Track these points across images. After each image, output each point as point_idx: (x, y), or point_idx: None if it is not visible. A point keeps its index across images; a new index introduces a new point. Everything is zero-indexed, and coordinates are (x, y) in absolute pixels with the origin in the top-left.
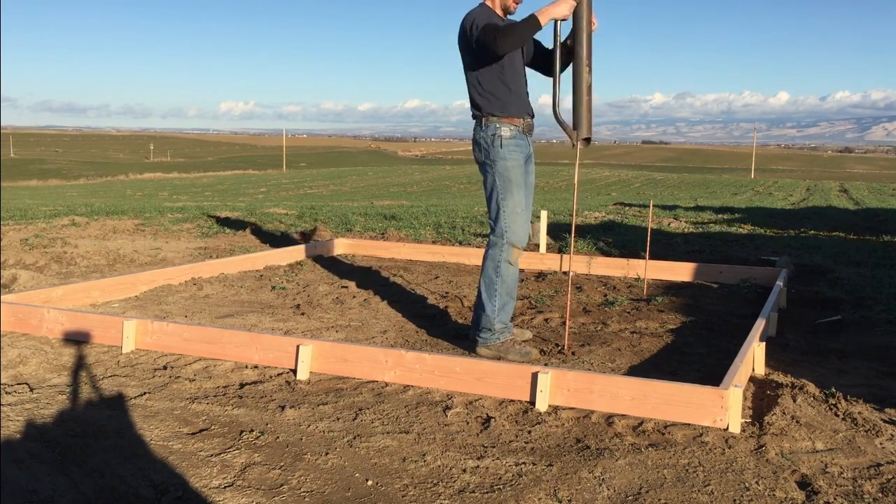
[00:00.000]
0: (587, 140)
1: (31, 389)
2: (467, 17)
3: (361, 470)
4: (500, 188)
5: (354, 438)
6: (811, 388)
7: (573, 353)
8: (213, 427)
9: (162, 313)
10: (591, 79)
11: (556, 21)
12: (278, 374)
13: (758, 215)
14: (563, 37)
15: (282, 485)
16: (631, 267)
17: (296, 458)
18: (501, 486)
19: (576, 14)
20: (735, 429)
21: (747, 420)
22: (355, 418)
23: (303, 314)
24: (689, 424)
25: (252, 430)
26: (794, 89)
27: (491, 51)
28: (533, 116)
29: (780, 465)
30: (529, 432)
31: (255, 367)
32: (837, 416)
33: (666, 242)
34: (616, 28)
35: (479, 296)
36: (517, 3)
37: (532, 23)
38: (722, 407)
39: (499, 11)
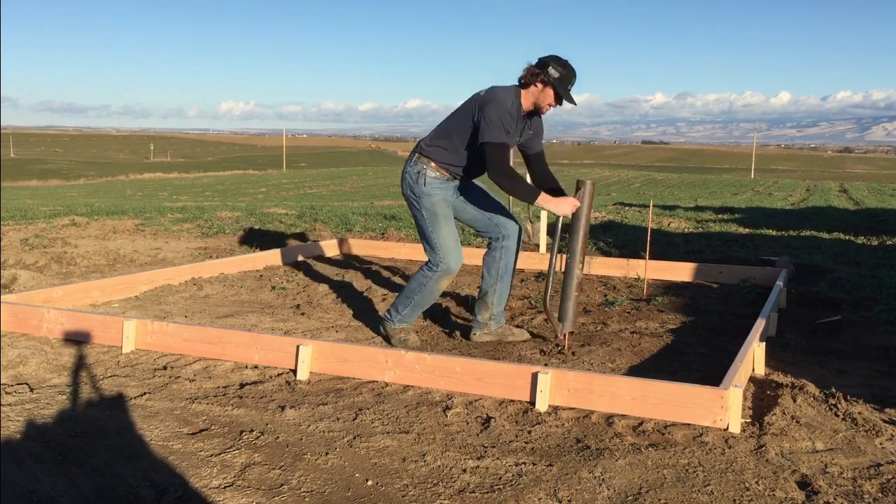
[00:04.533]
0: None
1: (31, 389)
2: (491, 97)
3: (361, 470)
4: (430, 222)
5: (354, 438)
6: (811, 388)
7: (573, 353)
8: (213, 427)
9: (162, 313)
10: (583, 274)
11: (558, 221)
12: (278, 375)
13: (758, 215)
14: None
15: (282, 485)
16: (631, 267)
17: (296, 458)
18: (501, 486)
19: (576, 213)
20: (735, 429)
21: (747, 420)
22: (355, 418)
23: (303, 314)
24: (689, 424)
25: (252, 431)
26: (796, 89)
27: (486, 163)
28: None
29: (780, 465)
30: (529, 432)
31: (255, 367)
32: (837, 416)
33: (666, 242)
34: (617, 28)
35: (402, 290)
36: (550, 107)
37: (529, 196)
38: (722, 407)
39: (528, 105)
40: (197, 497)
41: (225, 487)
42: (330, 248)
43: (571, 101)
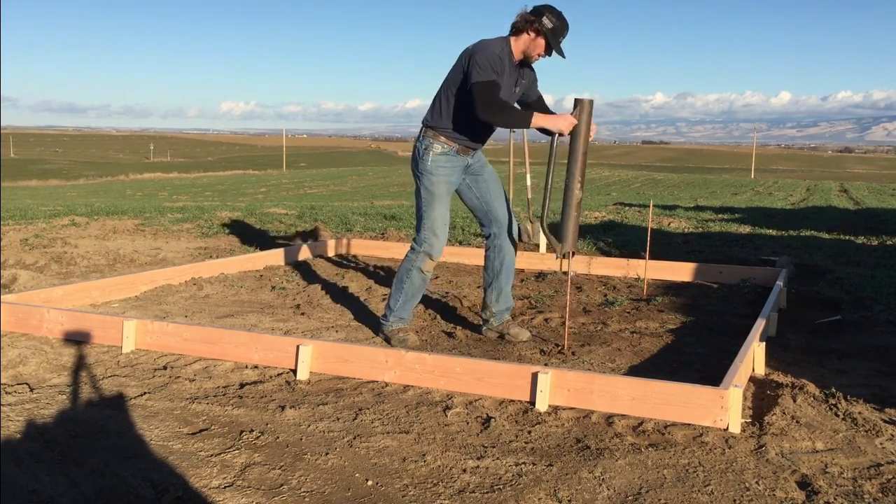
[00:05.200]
0: (571, 253)
1: (31, 389)
2: (479, 46)
3: (361, 470)
4: (425, 200)
5: (354, 438)
6: (811, 388)
7: (573, 353)
8: (213, 427)
9: (162, 313)
10: (582, 195)
11: (553, 135)
12: (278, 374)
13: (758, 215)
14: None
15: (282, 485)
16: (631, 267)
17: (296, 458)
18: (501, 486)
19: (574, 131)
20: (735, 429)
21: (747, 420)
22: (355, 418)
23: (303, 314)
24: (689, 424)
25: (252, 430)
26: (797, 89)
27: (472, 106)
28: (476, 147)
29: (780, 465)
30: (529, 432)
31: (255, 367)
32: (837, 416)
33: (666, 242)
34: (617, 28)
35: (392, 289)
36: (540, 57)
37: (523, 120)
38: (722, 407)
39: (518, 54)
40: (197, 497)
41: (225, 487)
42: (330, 248)
43: (561, 53)
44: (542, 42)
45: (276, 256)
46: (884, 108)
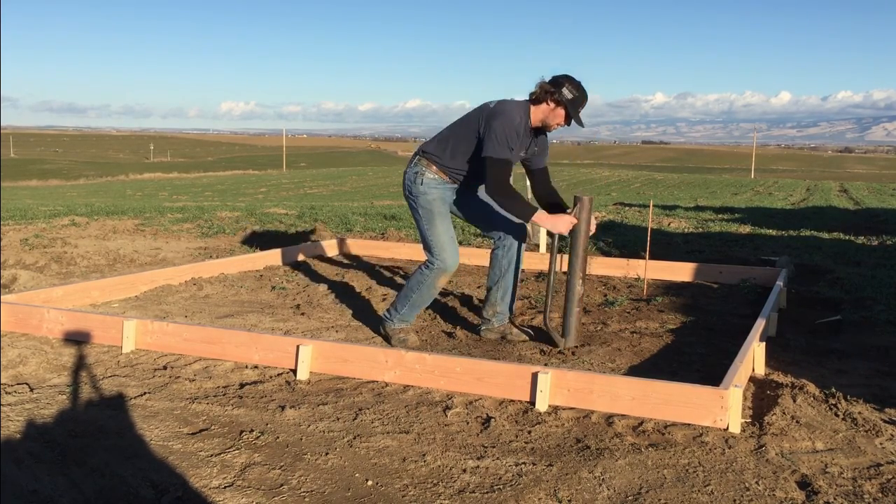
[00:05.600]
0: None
1: (31, 389)
2: (499, 111)
3: (361, 470)
4: (425, 220)
5: (354, 438)
6: (811, 388)
7: (573, 353)
8: (213, 427)
9: (162, 313)
10: (584, 290)
11: (554, 239)
12: (278, 374)
13: (758, 215)
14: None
15: (282, 485)
16: (631, 267)
17: (296, 458)
18: (501, 486)
19: (574, 229)
20: (735, 429)
21: (747, 420)
22: (355, 418)
23: (303, 314)
24: (689, 424)
25: (252, 430)
26: (797, 89)
27: (486, 178)
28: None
29: (780, 465)
30: (529, 432)
31: (255, 367)
32: (837, 416)
33: (666, 242)
34: (617, 28)
35: (403, 288)
36: (558, 126)
37: (526, 214)
38: (722, 407)
39: (536, 122)
40: (197, 497)
41: (225, 487)
42: (330, 248)
43: (580, 123)
44: (561, 112)
45: (276, 256)
46: (884, 108)
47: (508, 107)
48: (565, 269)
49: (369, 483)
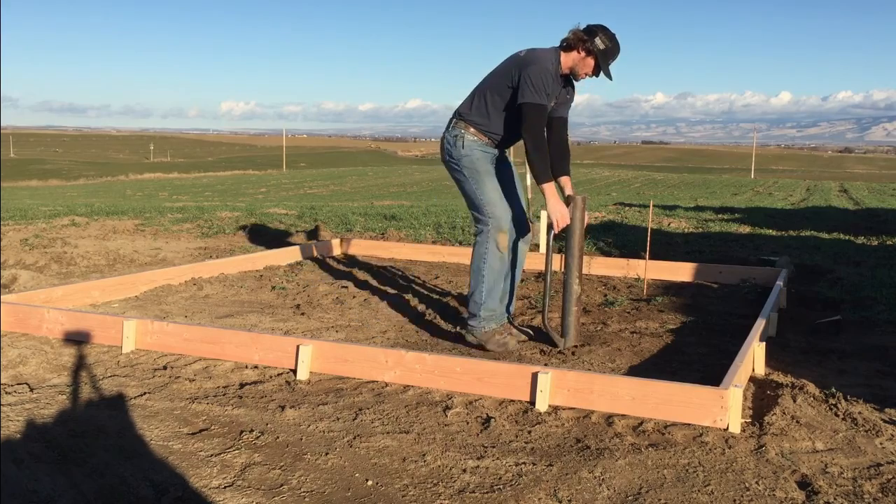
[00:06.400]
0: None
1: (31, 389)
2: (533, 59)
3: (361, 470)
4: (472, 180)
5: (354, 438)
6: (811, 388)
7: (573, 353)
8: (213, 427)
9: (162, 313)
10: (581, 290)
11: (550, 230)
12: (278, 374)
13: (758, 215)
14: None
15: (282, 485)
16: (631, 267)
17: (296, 458)
18: (501, 486)
19: (569, 229)
20: (735, 429)
21: (747, 420)
22: (355, 418)
23: (303, 314)
24: (689, 424)
25: (252, 430)
26: (797, 89)
27: (522, 122)
28: (499, 149)
29: (780, 465)
30: (529, 432)
31: (255, 367)
32: (837, 416)
33: (666, 242)
34: (617, 28)
35: (470, 278)
36: (586, 76)
37: (543, 176)
38: (722, 407)
39: (565, 69)
40: (197, 497)
41: (225, 487)
42: (330, 248)
43: (609, 75)
44: (591, 62)
45: (276, 256)
46: (884, 108)
47: (541, 54)
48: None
49: (369, 483)
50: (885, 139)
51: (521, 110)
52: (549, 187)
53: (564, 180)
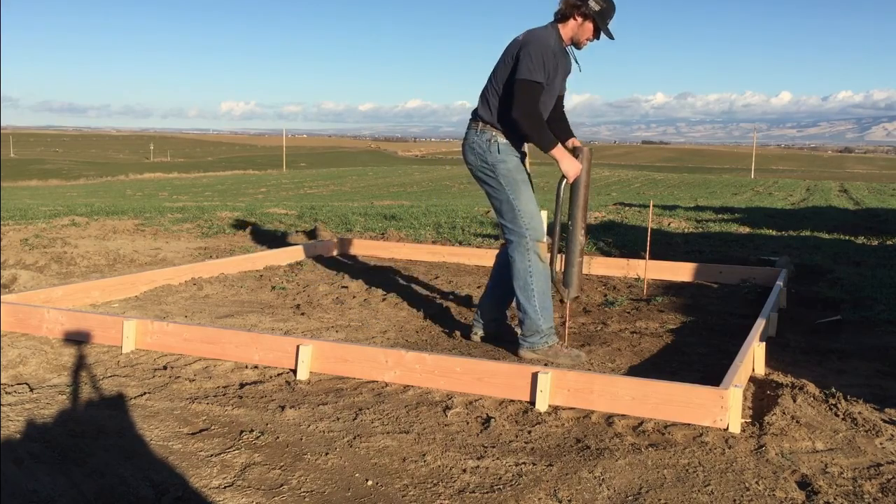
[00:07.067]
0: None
1: (31, 389)
2: (532, 37)
3: (361, 470)
4: (510, 189)
5: (354, 438)
6: (811, 388)
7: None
8: (213, 427)
9: (162, 313)
10: (585, 241)
11: (560, 185)
12: (278, 374)
13: (758, 215)
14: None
15: (282, 485)
16: (631, 267)
17: (296, 458)
18: (501, 486)
19: (574, 182)
20: (735, 429)
21: (747, 420)
22: (355, 418)
23: (303, 314)
24: (689, 424)
25: (252, 430)
26: (797, 89)
27: (511, 101)
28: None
29: (780, 465)
30: (529, 432)
31: (255, 367)
32: (837, 416)
33: (666, 242)
34: (617, 28)
35: (517, 304)
36: (588, 42)
37: (547, 143)
38: (722, 407)
39: (566, 40)
40: (197, 497)
41: (225, 487)
42: (330, 248)
43: (610, 35)
44: (590, 26)
45: (276, 256)
46: (884, 108)
47: (539, 32)
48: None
49: (369, 483)
50: (885, 139)
51: (514, 86)
52: (558, 149)
53: (571, 141)
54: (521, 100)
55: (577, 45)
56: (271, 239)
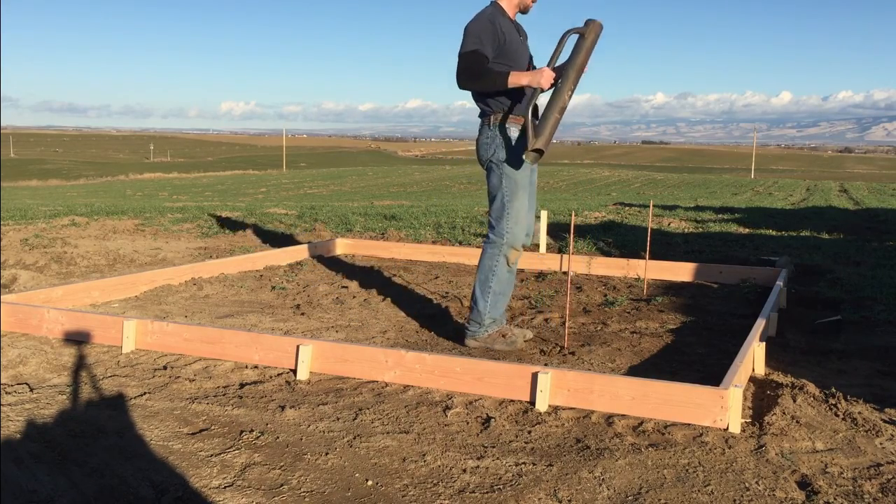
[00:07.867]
0: (540, 152)
1: (31, 389)
2: (471, 21)
3: (361, 470)
4: (507, 190)
5: (354, 438)
6: (811, 388)
7: (573, 353)
8: (213, 427)
9: (162, 313)
10: (568, 102)
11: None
12: (278, 374)
13: (758, 215)
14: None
15: (282, 485)
16: (631, 267)
17: (296, 458)
18: (501, 486)
19: (578, 45)
20: (735, 429)
21: (747, 420)
22: (355, 418)
23: (303, 314)
24: (689, 424)
25: (252, 430)
26: (797, 89)
27: (457, 72)
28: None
29: (780, 465)
30: (529, 432)
31: (255, 367)
32: (837, 416)
33: (666, 242)
34: (617, 28)
35: (473, 291)
36: (533, 3)
37: (502, 80)
38: (722, 407)
39: (511, 12)
40: (197, 497)
41: (225, 487)
42: (330, 248)
43: None
44: None
45: (276, 256)
46: (884, 108)
47: (478, 14)
48: (565, 268)
49: (369, 483)
50: (885, 139)
51: (458, 59)
52: (514, 75)
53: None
54: (458, 70)
55: (525, 10)
56: (271, 239)
